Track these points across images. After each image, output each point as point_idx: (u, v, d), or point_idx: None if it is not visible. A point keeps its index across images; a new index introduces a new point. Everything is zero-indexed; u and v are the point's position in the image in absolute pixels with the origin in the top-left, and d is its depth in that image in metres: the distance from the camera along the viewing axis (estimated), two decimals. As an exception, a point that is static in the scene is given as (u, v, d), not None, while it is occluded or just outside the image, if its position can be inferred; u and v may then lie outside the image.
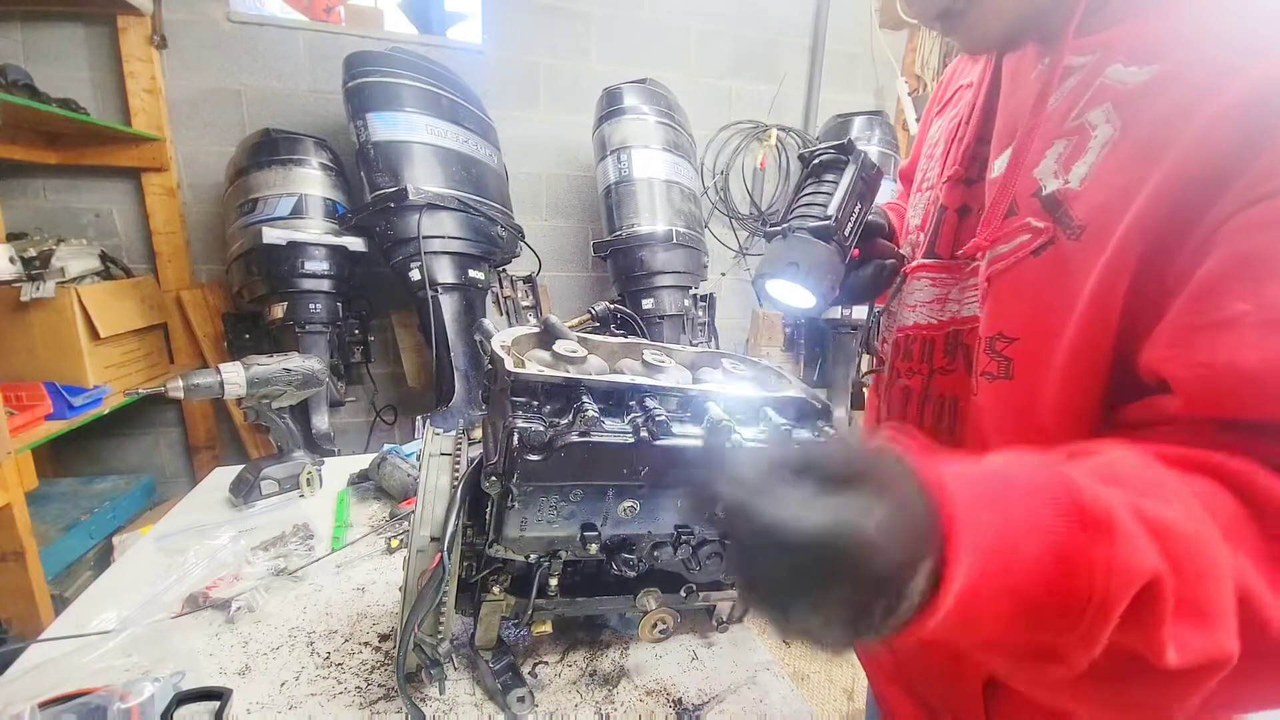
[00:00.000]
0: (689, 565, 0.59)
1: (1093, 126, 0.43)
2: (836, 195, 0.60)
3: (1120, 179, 0.40)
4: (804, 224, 0.60)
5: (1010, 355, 0.48)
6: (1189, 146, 0.37)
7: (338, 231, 1.89)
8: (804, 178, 0.65)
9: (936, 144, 0.64)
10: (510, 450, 0.48)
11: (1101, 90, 0.43)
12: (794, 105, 2.79)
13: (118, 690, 0.55)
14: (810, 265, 0.58)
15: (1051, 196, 0.45)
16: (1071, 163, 0.44)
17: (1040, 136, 0.47)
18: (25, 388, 1.55)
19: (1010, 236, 0.48)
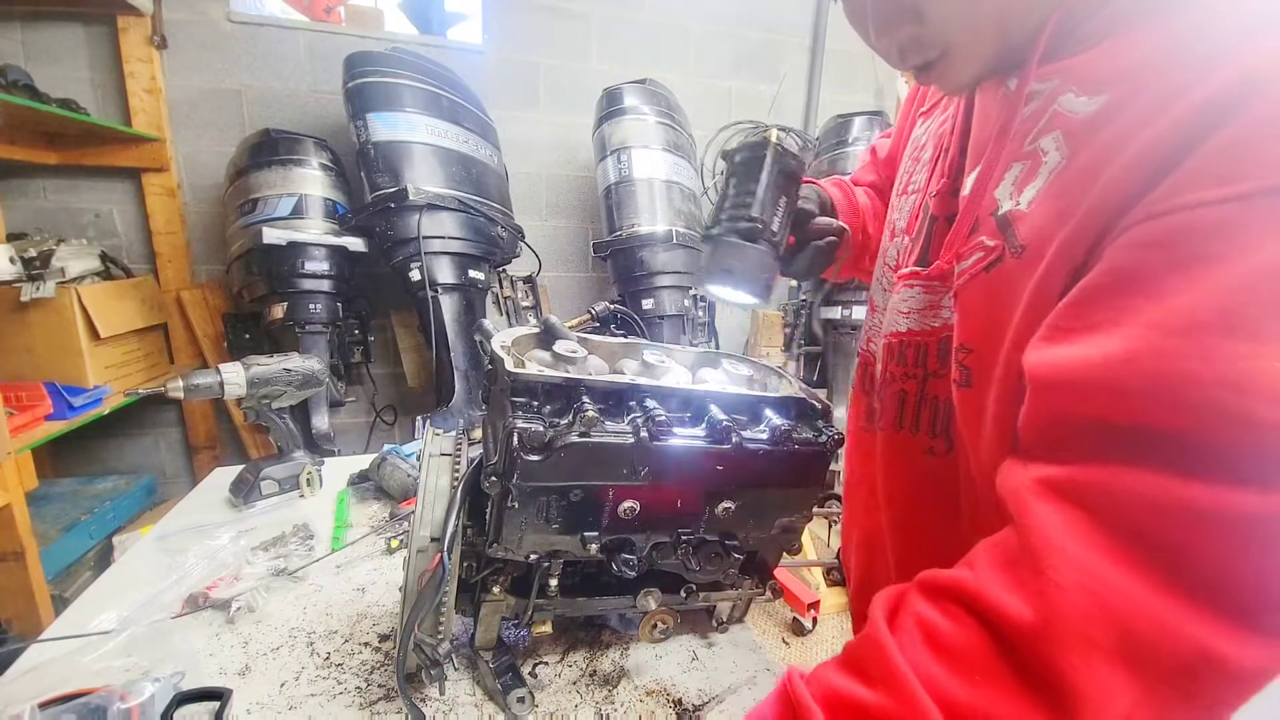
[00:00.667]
0: (689, 565, 0.59)
1: (1044, 153, 0.45)
2: (758, 195, 0.61)
3: (1058, 204, 0.43)
4: (733, 226, 0.62)
5: (969, 365, 0.51)
6: (1115, 175, 0.38)
7: (338, 231, 1.90)
8: (727, 176, 0.65)
9: (924, 147, 0.65)
10: (510, 450, 0.48)
11: (1054, 118, 0.45)
12: (794, 105, 2.79)
13: (118, 690, 0.55)
14: (743, 270, 0.61)
15: (1004, 216, 0.47)
16: (1024, 185, 0.46)
17: (1003, 158, 0.49)
18: (25, 388, 1.55)
19: (969, 253, 0.51)
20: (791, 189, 0.64)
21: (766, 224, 0.61)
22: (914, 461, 0.61)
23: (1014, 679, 0.36)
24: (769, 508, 0.60)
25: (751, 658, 0.71)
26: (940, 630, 0.39)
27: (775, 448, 0.55)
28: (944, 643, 0.39)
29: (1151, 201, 0.36)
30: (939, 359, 0.57)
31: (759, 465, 0.55)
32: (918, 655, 0.39)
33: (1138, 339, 0.35)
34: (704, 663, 0.70)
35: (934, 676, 0.37)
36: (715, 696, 0.65)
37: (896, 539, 0.65)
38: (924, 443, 0.60)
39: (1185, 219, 0.34)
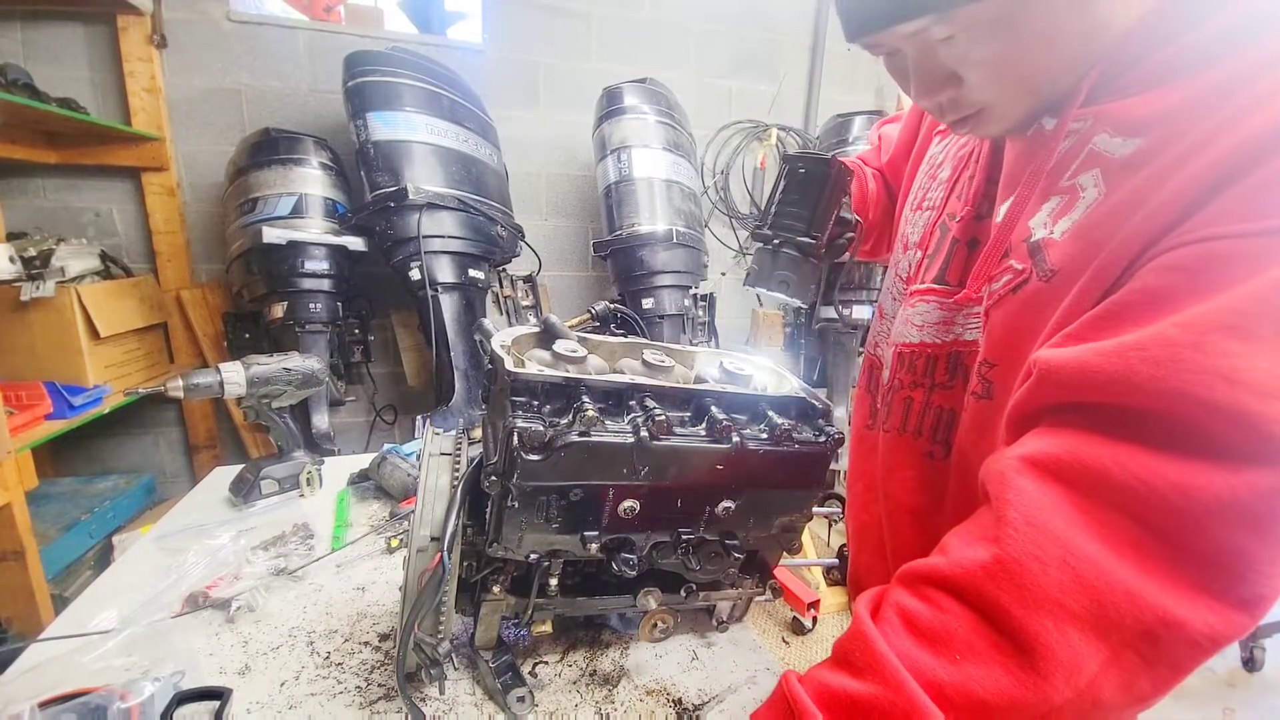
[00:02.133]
0: (689, 565, 0.59)
1: (1082, 189, 0.48)
2: (819, 214, 0.68)
3: (1095, 234, 0.45)
4: (792, 238, 0.68)
5: (991, 379, 0.54)
6: (1151, 209, 0.41)
7: (338, 231, 1.90)
8: (789, 181, 0.71)
9: (941, 166, 0.67)
10: (510, 450, 0.48)
11: (1090, 156, 0.48)
12: (794, 105, 2.79)
13: (118, 690, 0.55)
14: (798, 281, 0.68)
15: (1036, 243, 0.50)
16: (1060, 217, 0.49)
17: (1040, 190, 0.52)
18: (25, 387, 1.55)
19: (999, 275, 0.54)
20: (842, 204, 0.70)
21: (821, 242, 0.68)
22: (913, 463, 0.64)
23: (991, 647, 0.38)
24: (769, 507, 0.60)
25: (751, 657, 0.71)
26: (919, 615, 0.41)
27: (775, 447, 0.55)
28: (923, 626, 0.41)
29: (1181, 232, 0.39)
30: (948, 372, 0.60)
31: (759, 465, 0.55)
32: (900, 642, 0.41)
33: (1151, 332, 0.38)
34: (704, 662, 0.70)
35: (917, 660, 0.40)
36: (715, 696, 0.65)
37: (891, 532, 0.68)
38: (925, 446, 0.62)
39: (1210, 248, 0.38)
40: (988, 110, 0.52)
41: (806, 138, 2.73)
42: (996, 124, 0.54)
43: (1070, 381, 0.41)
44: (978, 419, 0.55)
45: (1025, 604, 0.37)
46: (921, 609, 0.42)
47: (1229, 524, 0.35)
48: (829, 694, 0.42)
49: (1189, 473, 0.36)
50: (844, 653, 0.44)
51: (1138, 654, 0.37)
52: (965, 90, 0.51)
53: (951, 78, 0.50)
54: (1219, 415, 0.35)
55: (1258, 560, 0.35)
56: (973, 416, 0.56)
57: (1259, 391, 0.34)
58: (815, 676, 0.44)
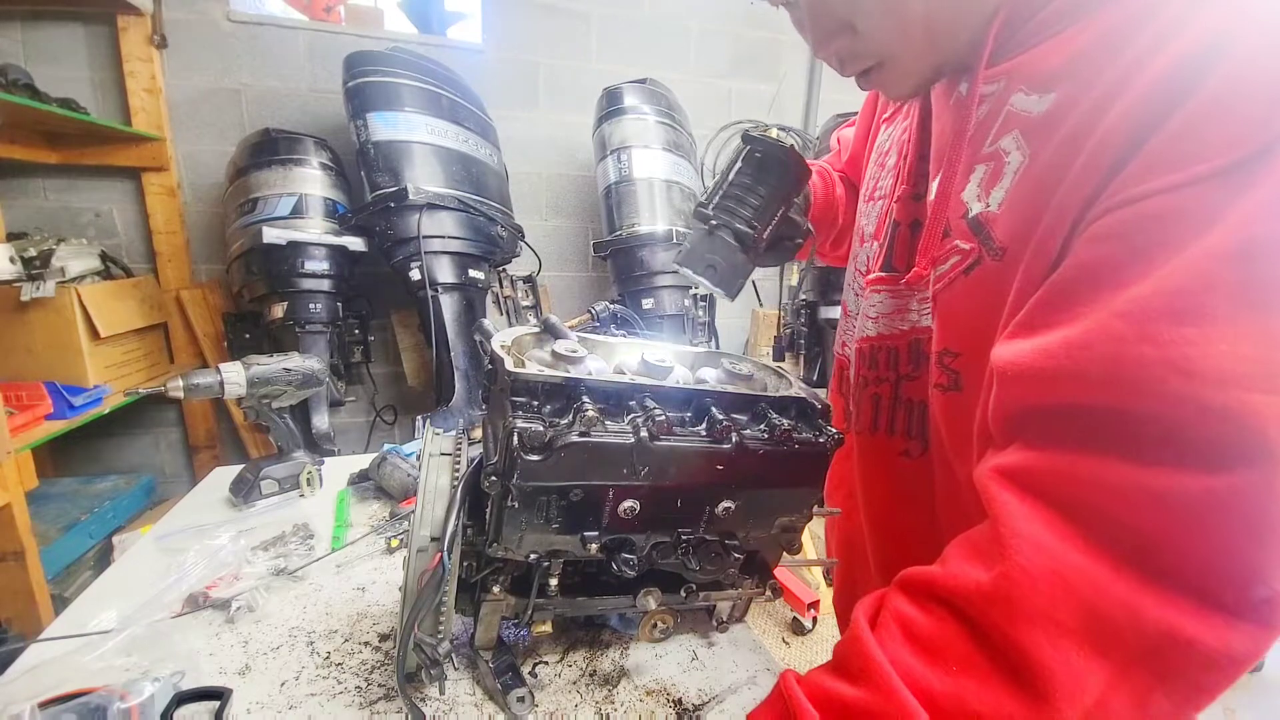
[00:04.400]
0: (689, 565, 0.59)
1: (1006, 153, 0.46)
2: (763, 205, 0.63)
3: (1028, 204, 0.43)
4: (730, 223, 0.63)
5: (957, 369, 0.51)
6: (1078, 171, 0.39)
7: (338, 231, 1.89)
8: (744, 164, 0.65)
9: (888, 154, 0.65)
10: (510, 450, 0.48)
11: (1010, 118, 0.46)
12: (794, 105, 2.79)
13: (118, 690, 0.55)
14: (726, 270, 0.64)
15: (976, 219, 0.48)
16: (991, 187, 0.47)
17: (964, 161, 0.50)
18: (25, 387, 1.55)
19: (946, 257, 0.51)
20: (792, 199, 0.66)
21: (761, 237, 0.64)
22: (890, 464, 0.62)
23: (989, 666, 0.37)
24: (769, 507, 0.60)
25: (751, 657, 0.71)
26: (916, 624, 0.40)
27: (775, 447, 0.55)
28: (920, 636, 0.40)
29: (1110, 194, 0.37)
30: (911, 361, 0.58)
31: (759, 465, 0.55)
32: (896, 650, 0.40)
33: (1095, 327, 0.36)
34: (704, 663, 0.70)
35: (912, 669, 0.39)
36: (715, 696, 0.65)
37: (875, 540, 0.66)
38: (899, 445, 0.60)
39: (1138, 210, 0.35)
40: (889, 64, 0.50)
41: (807, 138, 2.73)
42: (900, 80, 0.52)
43: (1026, 385, 0.39)
44: (949, 412, 0.53)
45: (1019, 622, 0.36)
46: (920, 618, 0.41)
47: (1219, 529, 0.33)
48: (825, 697, 0.41)
49: (1163, 478, 0.33)
50: (841, 657, 0.43)
51: (1149, 672, 0.35)
52: (860, 40, 0.49)
53: (845, 26, 0.49)
54: (1182, 413, 0.33)
55: (1260, 564, 0.33)
56: (942, 410, 0.53)
57: (1219, 381, 0.32)
58: (813, 679, 0.44)
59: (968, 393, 0.50)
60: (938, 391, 0.53)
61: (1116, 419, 0.35)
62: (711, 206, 0.65)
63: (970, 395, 0.49)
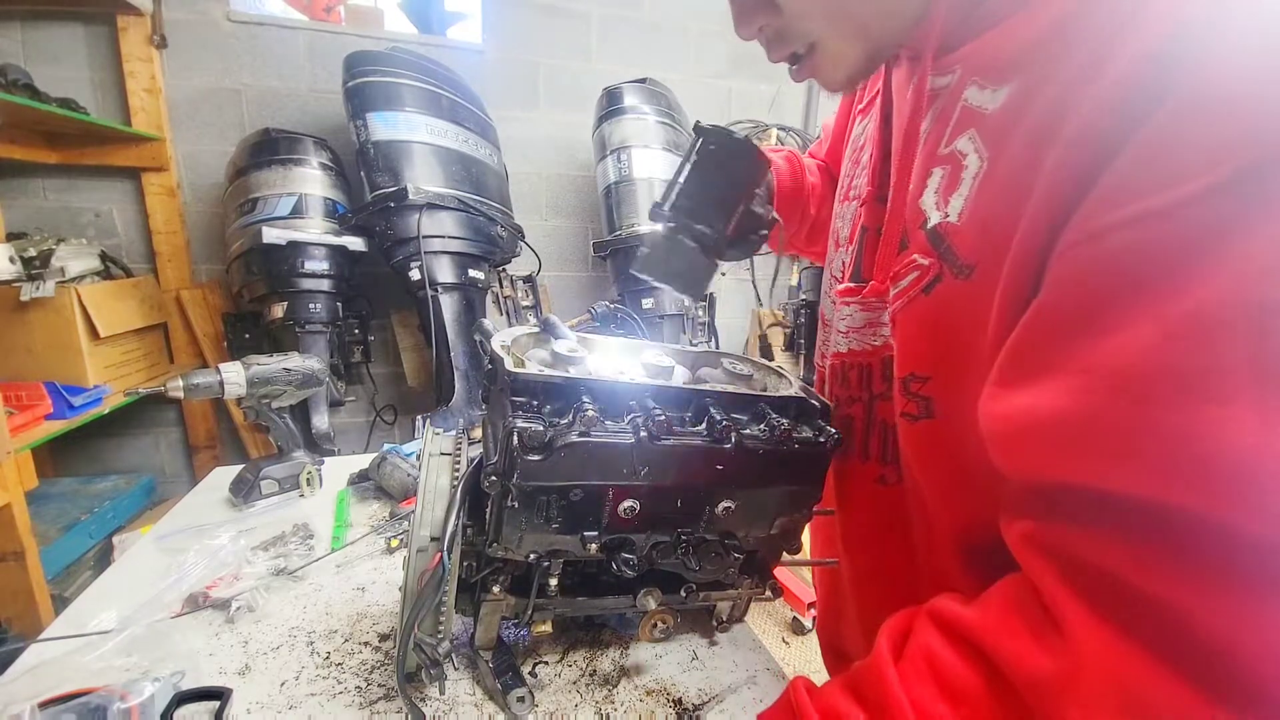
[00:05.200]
0: (689, 565, 0.59)
1: (963, 155, 0.41)
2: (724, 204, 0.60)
3: (996, 215, 0.38)
4: (690, 225, 0.59)
5: (928, 395, 0.46)
6: (1045, 186, 0.34)
7: (338, 231, 1.89)
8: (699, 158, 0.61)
9: (863, 149, 0.60)
10: (510, 450, 0.48)
11: (965, 115, 0.41)
12: (794, 105, 2.79)
13: (118, 690, 0.55)
14: (690, 276, 0.61)
15: (935, 230, 0.43)
16: (949, 194, 0.42)
17: (920, 162, 0.46)
18: (25, 387, 1.55)
19: (904, 273, 0.46)
20: (753, 192, 0.62)
21: (721, 233, 0.60)
22: (866, 490, 0.58)
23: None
24: (769, 507, 0.60)
25: (751, 657, 0.71)
26: (947, 669, 0.37)
27: (775, 447, 0.55)
28: (950, 684, 0.37)
29: (1083, 218, 0.32)
30: (884, 380, 0.53)
31: (759, 465, 0.55)
32: (920, 691, 0.37)
33: (1084, 391, 0.32)
34: (704, 662, 0.70)
35: (933, 715, 0.36)
36: (715, 696, 0.65)
37: (853, 570, 0.62)
38: (874, 470, 0.56)
39: (1116, 242, 0.31)
40: (819, 48, 0.46)
41: (807, 137, 2.73)
42: (831, 67, 0.48)
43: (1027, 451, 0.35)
44: (921, 442, 0.48)
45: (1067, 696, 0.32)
46: (952, 664, 0.37)
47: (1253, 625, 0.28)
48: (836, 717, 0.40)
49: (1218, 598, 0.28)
50: (859, 683, 0.41)
51: None
52: (785, 20, 0.45)
53: (767, 4, 0.45)
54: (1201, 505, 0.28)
55: None
56: (913, 440, 0.48)
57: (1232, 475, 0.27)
58: (827, 697, 0.41)
59: (942, 420, 0.45)
60: (906, 421, 0.48)
61: (1123, 499, 0.31)
62: (668, 206, 0.61)
63: (946, 423, 0.45)
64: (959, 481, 0.45)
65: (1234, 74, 0.28)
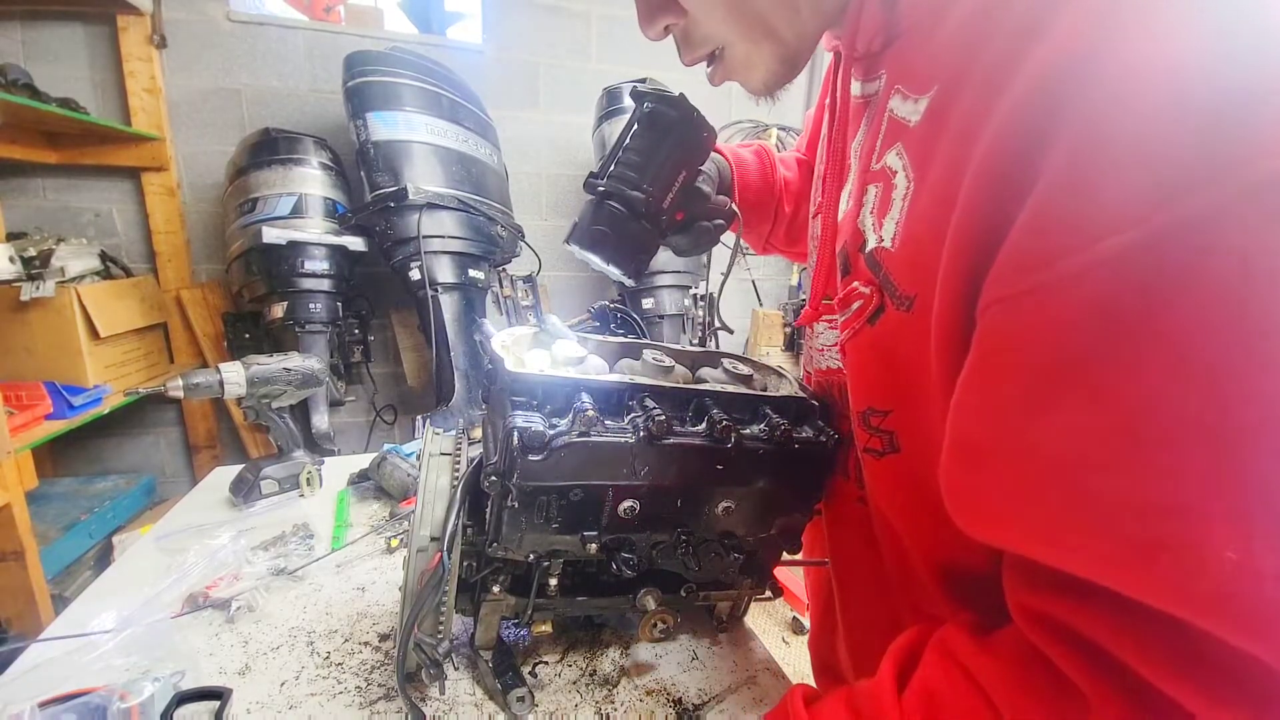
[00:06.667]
0: (689, 565, 0.59)
1: (892, 173, 0.38)
2: (657, 165, 0.55)
3: (922, 245, 0.35)
4: (621, 191, 0.55)
5: (890, 429, 0.43)
6: (961, 211, 0.31)
7: (338, 231, 1.90)
8: (636, 124, 0.58)
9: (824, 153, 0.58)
10: (510, 450, 0.48)
11: (891, 127, 0.39)
12: (794, 104, 2.78)
13: (118, 690, 0.55)
14: (618, 243, 0.56)
15: (871, 255, 0.40)
16: (882, 216, 0.39)
17: (856, 177, 0.43)
18: (25, 387, 1.55)
19: (849, 300, 0.43)
20: (695, 163, 0.58)
21: (657, 201, 0.55)
22: (848, 509, 0.57)
23: None
24: (769, 508, 0.60)
25: (751, 657, 0.71)
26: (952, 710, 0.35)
27: (775, 447, 0.55)
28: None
29: (997, 275, 0.30)
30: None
31: (759, 465, 0.55)
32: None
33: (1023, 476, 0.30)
34: (704, 663, 0.70)
35: None
36: (715, 696, 0.65)
37: (840, 587, 0.61)
38: (854, 491, 0.55)
39: (1036, 305, 0.28)
40: (728, 52, 0.44)
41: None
42: (745, 71, 0.45)
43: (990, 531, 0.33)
44: (887, 477, 0.45)
45: None
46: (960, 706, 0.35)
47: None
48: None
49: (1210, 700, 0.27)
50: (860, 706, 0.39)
51: None
52: (690, 22, 0.43)
53: (671, 3, 0.43)
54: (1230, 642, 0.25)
55: None
56: (878, 476, 0.46)
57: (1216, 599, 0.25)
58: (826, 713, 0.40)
59: (908, 454, 0.42)
60: (870, 457, 0.45)
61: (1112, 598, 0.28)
62: (602, 176, 0.57)
63: (912, 456, 0.42)
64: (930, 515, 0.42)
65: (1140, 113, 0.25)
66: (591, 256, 0.57)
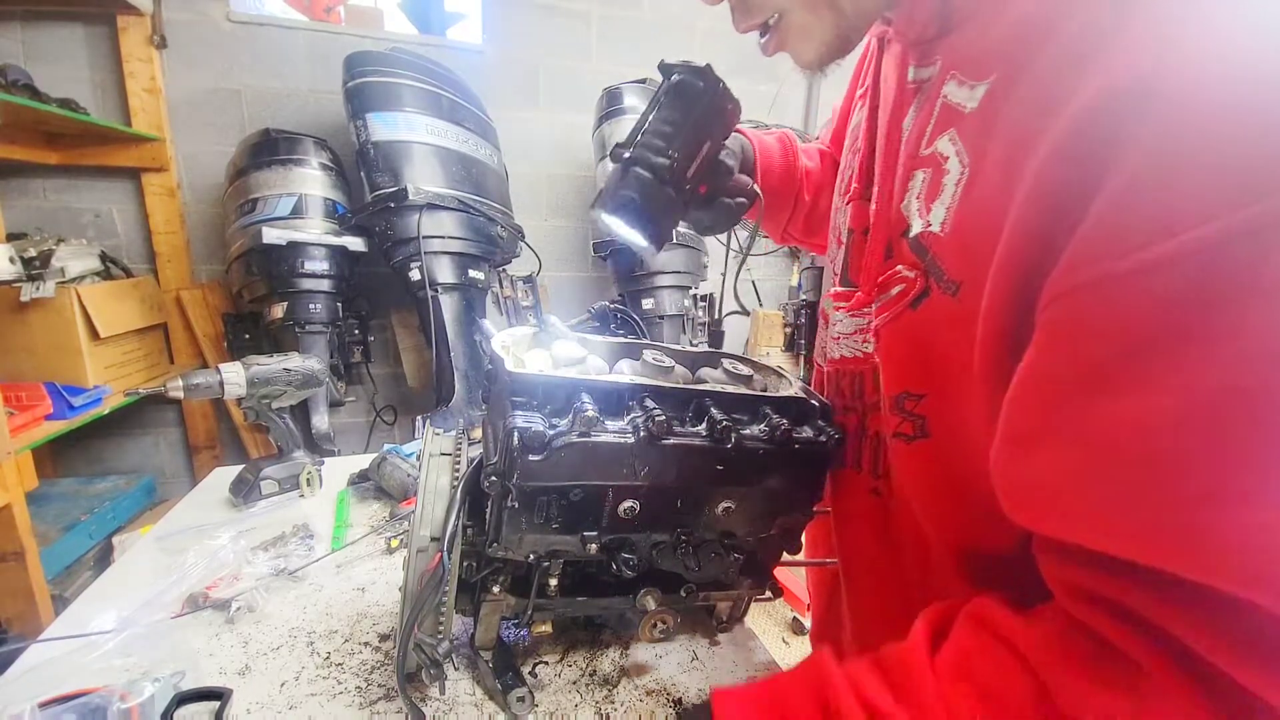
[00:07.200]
0: (689, 565, 0.59)
1: (944, 158, 0.39)
2: (682, 133, 0.56)
3: (977, 231, 0.35)
4: (647, 157, 0.56)
5: (922, 413, 0.43)
6: (1026, 197, 0.31)
7: (338, 231, 1.90)
8: (662, 95, 0.59)
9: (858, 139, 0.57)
10: (510, 450, 0.48)
11: (945, 113, 0.39)
12: (794, 105, 2.78)
13: (118, 690, 0.55)
14: (642, 208, 0.56)
15: (917, 240, 0.40)
16: (931, 201, 0.39)
17: (903, 163, 0.43)
18: (25, 388, 1.55)
19: (890, 284, 0.43)
20: (718, 134, 0.60)
21: (681, 168, 0.57)
22: (860, 501, 0.56)
23: None
24: (769, 508, 0.60)
25: (751, 658, 0.71)
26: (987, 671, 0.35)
27: (775, 447, 0.55)
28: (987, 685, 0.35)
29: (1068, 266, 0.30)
30: (876, 389, 0.51)
31: (759, 465, 0.55)
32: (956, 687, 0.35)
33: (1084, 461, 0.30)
34: (704, 663, 0.70)
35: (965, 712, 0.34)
36: (715, 696, 0.65)
37: (848, 581, 0.61)
38: (868, 482, 0.54)
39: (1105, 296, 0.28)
40: (785, 21, 0.44)
41: (807, 137, 2.73)
42: (800, 42, 0.45)
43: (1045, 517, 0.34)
44: (916, 462, 0.45)
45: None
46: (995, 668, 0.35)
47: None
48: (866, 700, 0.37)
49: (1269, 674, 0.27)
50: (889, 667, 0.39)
51: None
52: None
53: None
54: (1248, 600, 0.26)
55: None
56: (907, 461, 0.46)
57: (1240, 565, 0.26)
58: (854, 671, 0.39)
59: (939, 439, 0.43)
60: (900, 441, 0.45)
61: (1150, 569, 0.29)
62: (629, 145, 0.58)
63: (943, 442, 0.43)
64: (955, 502, 0.43)
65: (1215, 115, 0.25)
66: (616, 221, 0.58)
